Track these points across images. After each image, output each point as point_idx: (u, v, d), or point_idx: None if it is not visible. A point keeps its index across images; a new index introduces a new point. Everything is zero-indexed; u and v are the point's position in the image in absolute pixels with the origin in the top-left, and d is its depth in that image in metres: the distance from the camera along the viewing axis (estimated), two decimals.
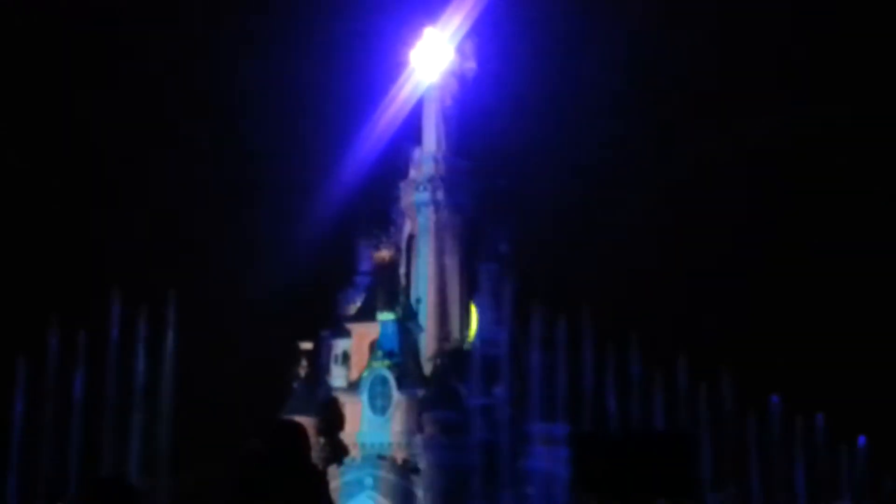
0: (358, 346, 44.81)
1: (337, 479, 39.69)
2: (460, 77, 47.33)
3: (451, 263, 46.30)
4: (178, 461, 40.34)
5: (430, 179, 46.55)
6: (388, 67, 46.94)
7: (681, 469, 27.77)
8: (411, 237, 46.60)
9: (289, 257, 47.47)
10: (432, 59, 46.99)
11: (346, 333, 44.97)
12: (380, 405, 43.53)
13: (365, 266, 45.96)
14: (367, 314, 44.61)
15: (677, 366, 39.29)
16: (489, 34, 47.28)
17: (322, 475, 14.35)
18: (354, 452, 42.49)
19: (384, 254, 45.15)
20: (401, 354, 43.99)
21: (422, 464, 41.90)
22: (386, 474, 42.49)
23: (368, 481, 42.40)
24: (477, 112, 47.22)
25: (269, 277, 47.67)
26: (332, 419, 41.60)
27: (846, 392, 42.75)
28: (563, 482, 37.22)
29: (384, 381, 43.59)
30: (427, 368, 43.90)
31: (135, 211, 51.24)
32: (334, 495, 29.23)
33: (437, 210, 46.46)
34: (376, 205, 46.60)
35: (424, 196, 46.55)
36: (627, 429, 35.47)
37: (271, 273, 47.72)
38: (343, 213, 46.81)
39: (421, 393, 42.69)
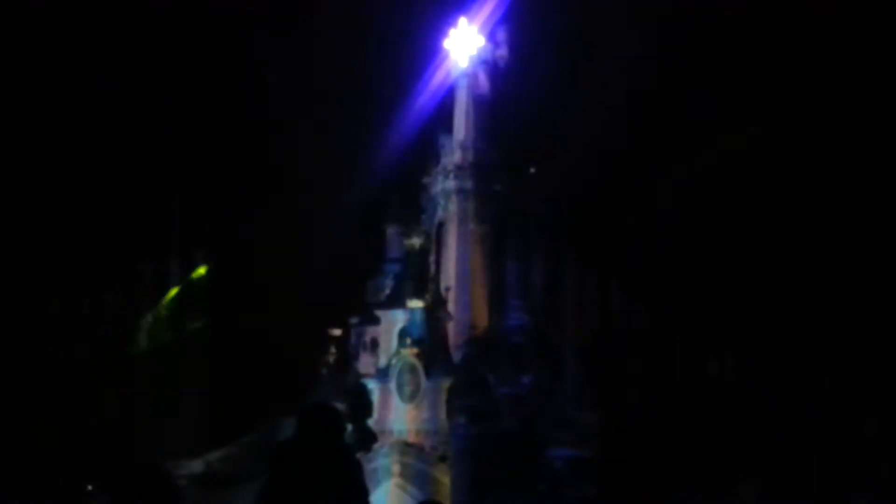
0: (386, 334, 44.87)
1: (364, 465, 39.65)
2: (492, 64, 47.27)
3: (480, 251, 46.25)
4: (206, 446, 40.58)
5: (459, 167, 46.54)
6: (421, 56, 47.04)
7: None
8: (441, 225, 46.57)
9: (319, 243, 47.56)
10: (464, 46, 46.95)
11: (374, 321, 45.03)
12: (408, 392, 43.55)
13: (394, 253, 45.98)
14: (396, 301, 44.65)
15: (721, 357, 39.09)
16: (522, 21, 47.23)
17: (356, 458, 14.32)
18: (382, 439, 42.45)
19: (414, 241, 45.13)
20: (429, 342, 43.99)
21: (450, 452, 41.84)
22: (413, 462, 42.47)
23: (396, 468, 42.40)
24: (508, 100, 47.19)
25: (299, 263, 47.73)
26: (361, 406, 41.58)
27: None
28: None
29: (412, 368, 43.61)
30: (456, 356, 43.83)
31: (169, 192, 51.28)
32: None
33: (465, 198, 46.43)
34: (407, 192, 46.68)
35: (453, 184, 46.54)
36: None
37: (301, 259, 47.78)
38: (373, 201, 46.91)
39: (449, 381, 42.63)
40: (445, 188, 46.59)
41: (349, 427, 39.53)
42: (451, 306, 45.26)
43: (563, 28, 47.71)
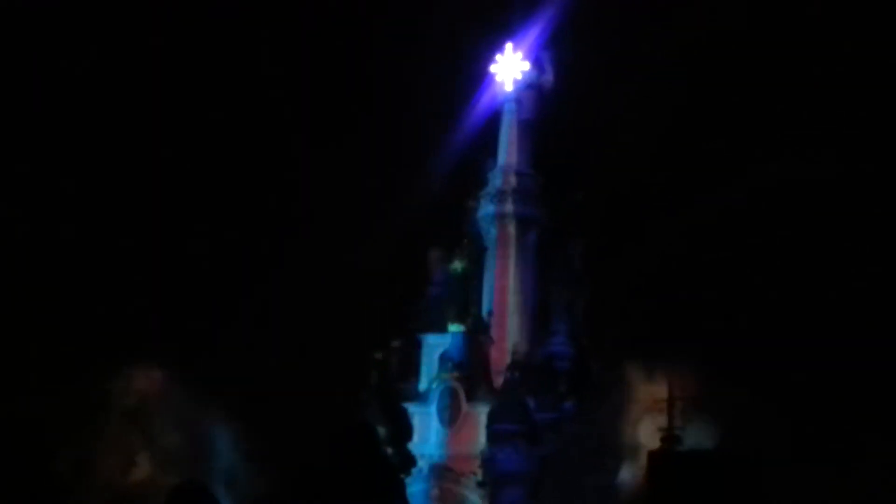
0: (428, 357, 44.85)
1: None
2: (537, 89, 47.33)
3: (523, 277, 46.17)
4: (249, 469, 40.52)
5: (501, 192, 46.56)
6: (468, 80, 47.16)
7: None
8: (484, 249, 46.52)
9: (363, 266, 47.64)
10: (510, 71, 47.04)
11: (416, 344, 45.04)
12: (448, 417, 43.54)
13: (437, 277, 45.98)
14: (438, 325, 44.69)
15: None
16: (567, 47, 47.22)
17: (399, 478, 14.32)
18: (421, 464, 42.39)
19: (456, 265, 45.20)
20: (470, 366, 43.99)
21: (489, 477, 41.73)
22: (453, 486, 42.43)
23: (435, 493, 42.38)
24: (553, 125, 47.21)
25: (343, 286, 47.83)
26: (401, 430, 41.54)
27: None
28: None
29: (453, 393, 43.61)
30: (497, 381, 43.75)
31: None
32: None
33: (506, 223, 46.44)
34: (451, 216, 46.74)
35: (496, 208, 46.55)
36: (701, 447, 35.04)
37: (344, 281, 47.88)
38: (418, 224, 46.96)
39: (490, 406, 42.56)
40: (489, 213, 46.61)
41: (389, 451, 39.47)
42: (492, 331, 45.20)
43: (608, 54, 47.68)
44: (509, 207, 46.41)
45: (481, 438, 42.34)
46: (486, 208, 46.70)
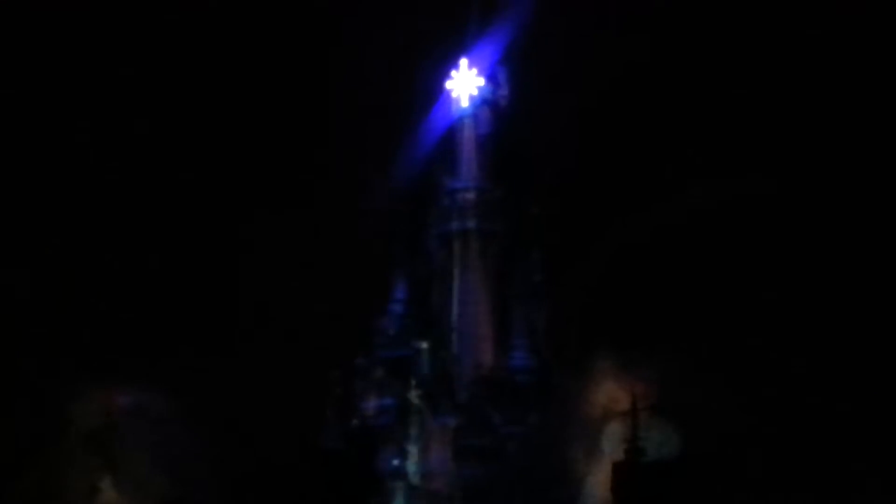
0: (392, 375, 44.81)
1: None
2: (493, 105, 47.50)
3: (485, 291, 46.26)
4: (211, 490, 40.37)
5: (461, 208, 46.65)
6: (423, 97, 47.27)
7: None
8: (445, 265, 46.60)
9: (323, 284, 47.62)
10: (466, 87, 47.22)
11: (380, 362, 45.01)
12: (414, 434, 43.50)
13: (400, 294, 46.04)
14: (401, 343, 44.70)
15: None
16: (522, 62, 47.47)
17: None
18: (389, 483, 42.35)
19: (418, 282, 45.25)
20: (434, 383, 44.00)
21: (457, 492, 41.76)
22: None
23: None
24: (510, 139, 47.38)
25: (304, 306, 47.76)
26: (366, 449, 41.52)
27: None
28: None
29: (418, 410, 43.59)
30: (462, 397, 43.80)
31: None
32: None
33: (467, 238, 46.52)
34: (411, 233, 46.76)
35: (456, 224, 46.63)
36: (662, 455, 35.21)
37: (306, 301, 47.82)
38: (377, 242, 46.97)
39: (456, 421, 42.59)
40: (448, 228, 46.69)
41: (356, 471, 39.47)
42: (456, 347, 45.24)
43: (563, 67, 47.94)
44: (469, 223, 46.48)
45: (449, 455, 42.36)
46: (446, 224, 46.76)
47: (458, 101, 47.37)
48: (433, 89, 47.48)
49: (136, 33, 53.29)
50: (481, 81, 47.33)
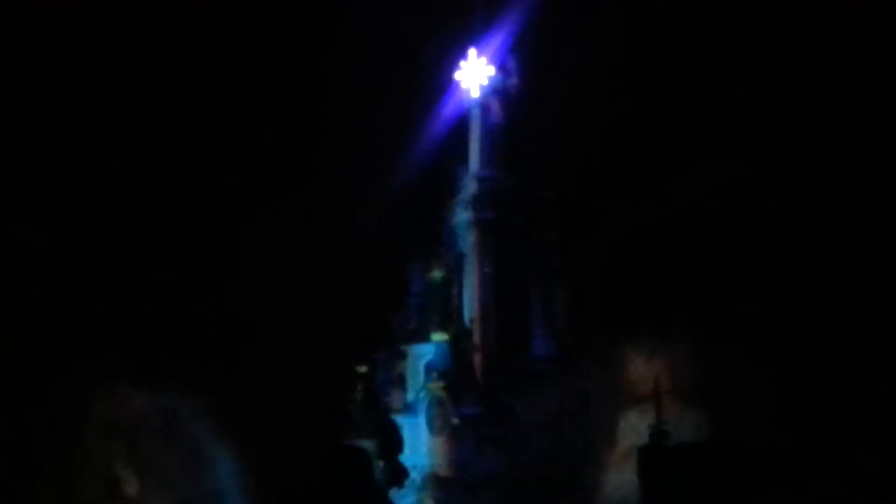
0: (413, 368, 44.94)
1: (397, 502, 39.65)
2: (503, 94, 47.39)
3: (502, 280, 46.22)
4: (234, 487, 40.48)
5: (474, 198, 46.60)
6: (433, 88, 47.22)
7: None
8: (462, 256, 46.58)
9: (342, 281, 47.67)
10: (476, 77, 47.13)
11: (401, 355, 45.10)
12: (437, 426, 43.56)
13: (417, 287, 46.06)
14: (421, 335, 44.79)
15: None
16: (532, 51, 47.34)
17: (386, 498, 14.32)
18: (414, 475, 42.41)
19: (435, 274, 45.26)
20: (455, 374, 44.03)
21: (480, 482, 41.80)
22: (446, 496, 42.44)
23: (429, 503, 42.37)
24: (522, 128, 47.28)
25: (323, 301, 47.83)
26: (391, 442, 41.55)
27: None
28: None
29: (440, 401, 43.64)
30: (483, 387, 43.80)
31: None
32: None
33: (483, 228, 46.49)
34: (426, 225, 46.74)
35: (470, 215, 46.59)
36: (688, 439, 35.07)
37: (325, 297, 47.89)
38: (394, 235, 46.97)
39: (478, 412, 42.63)
40: (464, 219, 46.66)
41: (381, 464, 39.51)
42: (475, 337, 45.24)
43: (573, 56, 47.80)
44: (483, 213, 46.43)
45: (472, 445, 42.40)
46: (461, 215, 46.72)
47: (468, 91, 47.30)
48: (443, 80, 47.42)
49: (136, 33, 53.29)
50: (491, 71, 47.25)
